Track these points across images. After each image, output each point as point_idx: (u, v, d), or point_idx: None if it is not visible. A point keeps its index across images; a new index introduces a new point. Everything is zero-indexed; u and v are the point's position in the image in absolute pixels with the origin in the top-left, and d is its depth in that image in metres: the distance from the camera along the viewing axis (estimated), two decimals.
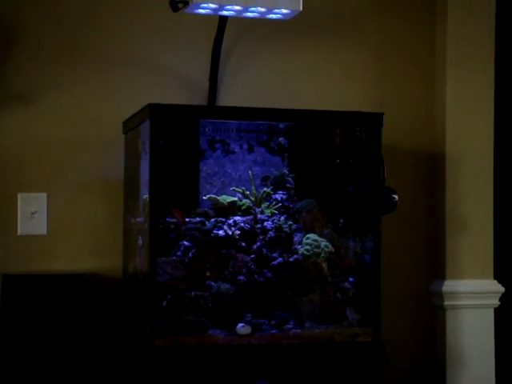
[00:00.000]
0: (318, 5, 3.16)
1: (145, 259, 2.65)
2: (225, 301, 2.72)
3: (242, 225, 2.82)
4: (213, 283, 2.74)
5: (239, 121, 2.88)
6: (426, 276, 3.29)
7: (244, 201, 2.88)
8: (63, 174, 3.00)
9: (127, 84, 3.04)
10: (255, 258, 2.81)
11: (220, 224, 2.81)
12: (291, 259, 2.83)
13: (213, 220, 2.81)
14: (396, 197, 2.85)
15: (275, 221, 2.86)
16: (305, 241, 2.84)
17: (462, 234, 3.24)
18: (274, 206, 2.89)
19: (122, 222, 2.99)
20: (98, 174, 3.02)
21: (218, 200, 2.86)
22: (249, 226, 2.83)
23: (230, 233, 2.80)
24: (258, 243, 2.82)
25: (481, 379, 3.22)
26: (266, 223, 2.85)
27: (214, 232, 2.79)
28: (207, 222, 2.81)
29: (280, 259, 2.82)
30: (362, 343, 2.75)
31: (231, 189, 2.90)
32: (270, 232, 2.84)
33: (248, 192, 2.88)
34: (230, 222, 2.82)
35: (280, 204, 2.90)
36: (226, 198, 2.87)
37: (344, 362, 2.72)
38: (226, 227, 2.80)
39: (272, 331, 2.72)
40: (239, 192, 2.89)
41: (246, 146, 2.97)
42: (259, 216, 2.85)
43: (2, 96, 2.94)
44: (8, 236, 2.95)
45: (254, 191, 2.88)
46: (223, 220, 2.82)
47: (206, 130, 2.93)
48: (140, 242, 2.74)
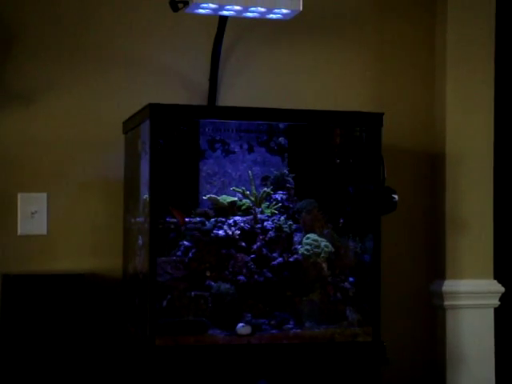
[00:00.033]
0: (318, 5, 3.16)
1: (145, 259, 2.65)
2: (225, 301, 2.72)
3: (242, 225, 2.82)
4: (213, 283, 2.74)
5: (239, 121, 2.88)
6: (426, 276, 3.29)
7: (244, 201, 2.88)
8: (63, 173, 3.00)
9: (127, 84, 3.04)
10: (255, 257, 2.81)
11: (220, 224, 2.81)
12: (291, 259, 2.83)
13: (213, 220, 2.81)
14: (396, 197, 2.85)
15: (275, 221, 2.86)
16: (305, 241, 2.84)
17: (461, 234, 3.24)
18: (273, 206, 2.89)
19: (121, 222, 2.99)
20: (98, 174, 3.02)
21: (218, 200, 2.85)
22: (249, 226, 2.83)
23: (230, 233, 2.80)
24: (258, 243, 2.82)
25: (481, 379, 3.22)
26: (266, 223, 2.85)
27: (214, 232, 2.79)
28: (207, 222, 2.81)
29: (280, 259, 2.82)
30: (362, 343, 2.74)
31: (231, 189, 2.90)
32: (269, 232, 2.84)
33: (248, 192, 2.88)
34: (230, 221, 2.82)
35: (280, 204, 2.90)
36: (225, 198, 2.87)
37: (344, 362, 2.71)
38: (225, 227, 2.80)
39: (272, 331, 2.71)
40: (239, 192, 2.89)
41: (245, 146, 2.97)
42: (259, 216, 2.85)
43: (2, 96, 2.94)
44: (8, 236, 2.95)
45: (254, 191, 2.88)
46: (223, 220, 2.82)
47: (206, 129, 2.93)
48: (140, 241, 2.74)
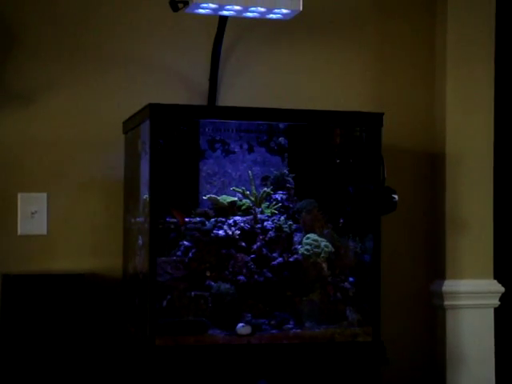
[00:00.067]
0: (318, 5, 3.16)
1: (145, 259, 2.65)
2: (225, 301, 2.72)
3: (242, 225, 2.82)
4: (213, 283, 2.74)
5: (239, 121, 2.88)
6: (426, 276, 3.29)
7: (244, 201, 2.88)
8: (63, 174, 3.00)
9: (127, 84, 3.04)
10: (255, 257, 2.81)
11: (220, 224, 2.81)
12: (291, 259, 2.83)
13: (213, 220, 2.81)
14: (396, 197, 2.84)
15: (275, 221, 2.86)
16: (305, 241, 2.84)
17: (462, 234, 3.24)
18: (273, 205, 2.89)
19: (121, 221, 2.99)
20: (98, 174, 3.02)
21: (218, 200, 2.85)
22: (249, 226, 2.83)
23: (230, 233, 2.80)
24: (258, 243, 2.82)
25: (481, 379, 3.22)
26: (266, 223, 2.85)
27: (214, 232, 2.79)
28: (207, 222, 2.80)
29: (280, 259, 2.82)
30: (362, 343, 2.74)
31: (231, 189, 2.90)
32: (269, 232, 2.84)
33: (248, 192, 2.88)
34: (230, 221, 2.82)
35: (280, 204, 2.90)
36: (225, 198, 2.87)
37: (344, 362, 2.71)
38: (225, 227, 2.80)
39: (272, 331, 2.71)
40: (239, 192, 2.89)
41: (246, 146, 2.97)
42: (259, 216, 2.85)
43: (2, 96, 2.94)
44: (8, 236, 2.95)
45: (254, 191, 2.88)
46: (223, 220, 2.82)
47: (206, 129, 2.93)
48: (140, 241, 2.74)
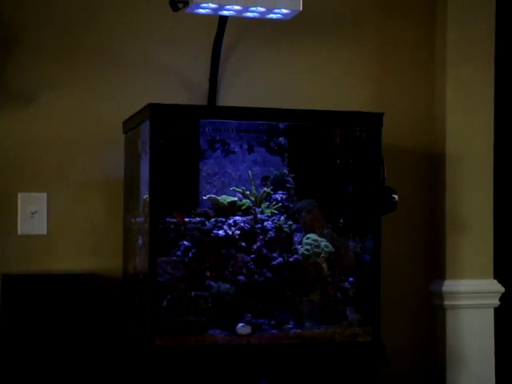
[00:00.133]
0: (318, 5, 3.16)
1: (145, 259, 2.65)
2: (225, 301, 2.72)
3: (242, 225, 2.82)
4: (213, 283, 2.74)
5: (239, 121, 2.88)
6: (425, 276, 3.29)
7: (244, 201, 2.88)
8: (63, 174, 3.00)
9: (127, 84, 3.04)
10: (255, 257, 2.81)
11: (220, 224, 2.81)
12: (291, 259, 2.83)
13: (213, 220, 2.81)
14: (396, 197, 2.84)
15: (275, 221, 2.86)
16: (305, 241, 2.84)
17: (462, 234, 3.24)
18: (274, 205, 2.89)
19: (122, 221, 2.99)
20: (98, 174, 3.02)
21: (218, 200, 2.85)
22: (249, 226, 2.83)
23: (230, 233, 2.80)
24: (258, 243, 2.82)
25: (481, 379, 3.22)
26: (266, 223, 2.85)
27: (214, 232, 2.79)
28: (207, 222, 2.80)
29: (280, 259, 2.82)
30: (362, 343, 2.74)
31: (231, 189, 2.90)
32: (270, 232, 2.84)
33: (248, 192, 2.88)
34: (230, 221, 2.82)
35: (280, 204, 2.90)
36: (226, 198, 2.87)
37: (344, 362, 2.71)
38: (226, 227, 2.80)
39: (272, 331, 2.71)
40: (239, 192, 2.89)
41: (246, 146, 2.97)
42: (259, 216, 2.85)
43: (2, 96, 2.94)
44: (8, 236, 2.95)
45: (254, 191, 2.88)
46: (223, 220, 2.82)
47: (206, 129, 2.93)
48: (140, 241, 2.74)
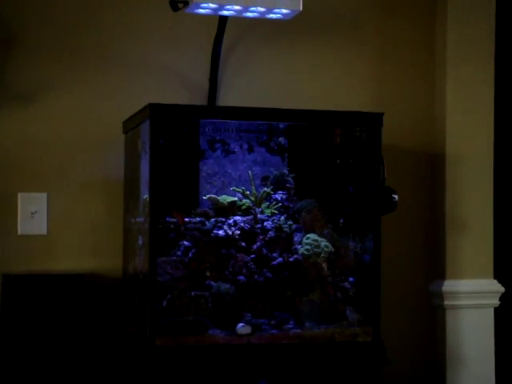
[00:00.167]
0: (318, 5, 3.16)
1: (145, 259, 2.65)
2: (225, 301, 2.72)
3: (242, 225, 2.82)
4: (213, 283, 2.74)
5: (239, 121, 2.88)
6: (425, 276, 3.29)
7: (244, 201, 2.88)
8: (63, 174, 3.00)
9: (127, 84, 3.04)
10: (255, 257, 2.81)
11: (220, 224, 2.81)
12: (291, 259, 2.83)
13: (213, 220, 2.81)
14: (396, 197, 2.84)
15: (275, 221, 2.86)
16: (305, 241, 2.84)
17: (462, 234, 3.24)
18: (274, 205, 2.89)
19: (122, 221, 2.99)
20: (98, 174, 3.02)
21: (218, 200, 2.85)
22: (249, 226, 2.83)
23: (230, 233, 2.80)
24: (258, 243, 2.82)
25: (481, 379, 3.22)
26: (266, 223, 2.85)
27: (214, 232, 2.79)
28: (207, 222, 2.80)
29: (280, 259, 2.82)
30: (362, 343, 2.74)
31: (231, 189, 2.90)
32: (270, 232, 2.84)
33: (248, 192, 2.88)
34: (230, 221, 2.82)
35: (280, 204, 2.90)
36: (226, 198, 2.87)
37: (344, 362, 2.71)
38: (226, 227, 2.80)
39: (272, 331, 2.71)
40: (239, 192, 2.89)
41: (246, 146, 2.97)
42: (259, 216, 2.85)
43: (2, 96, 2.94)
44: (8, 236, 2.95)
45: (254, 191, 2.88)
46: (223, 220, 2.82)
47: (206, 129, 2.93)
48: (140, 241, 2.74)
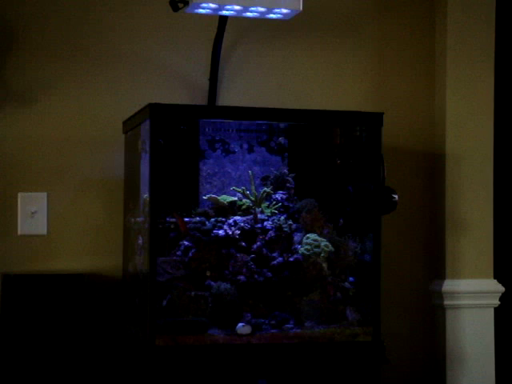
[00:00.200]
0: (318, 5, 3.16)
1: (145, 259, 2.65)
2: (225, 301, 2.72)
3: (242, 225, 2.82)
4: (213, 283, 2.74)
5: (239, 121, 2.88)
6: (425, 276, 3.29)
7: (244, 201, 2.88)
8: (63, 173, 3.00)
9: (127, 84, 3.04)
10: (255, 257, 2.80)
11: (220, 224, 2.81)
12: (291, 259, 2.83)
13: (213, 220, 2.81)
14: (396, 197, 2.84)
15: (275, 221, 2.86)
16: (305, 240, 2.84)
17: (462, 234, 3.23)
18: (274, 205, 2.89)
19: (122, 221, 2.99)
20: (97, 174, 3.02)
21: (218, 200, 2.85)
22: (249, 226, 2.82)
23: (230, 232, 2.80)
24: (258, 243, 2.82)
25: (481, 379, 3.22)
26: (265, 223, 2.85)
27: (214, 232, 2.79)
28: (207, 222, 2.80)
29: (280, 259, 2.82)
30: (361, 343, 2.74)
31: (231, 189, 2.90)
32: (270, 232, 2.84)
33: (248, 192, 2.88)
34: (230, 221, 2.82)
35: (280, 204, 2.90)
36: (225, 198, 2.87)
37: (344, 361, 2.71)
38: (226, 227, 2.80)
39: (272, 331, 2.71)
40: (239, 192, 2.89)
41: (246, 146, 2.97)
42: (259, 216, 2.85)
43: (2, 96, 2.94)
44: (8, 236, 2.95)
45: (253, 191, 2.88)
46: (223, 220, 2.82)
47: (206, 129, 2.93)
48: (140, 241, 2.74)
